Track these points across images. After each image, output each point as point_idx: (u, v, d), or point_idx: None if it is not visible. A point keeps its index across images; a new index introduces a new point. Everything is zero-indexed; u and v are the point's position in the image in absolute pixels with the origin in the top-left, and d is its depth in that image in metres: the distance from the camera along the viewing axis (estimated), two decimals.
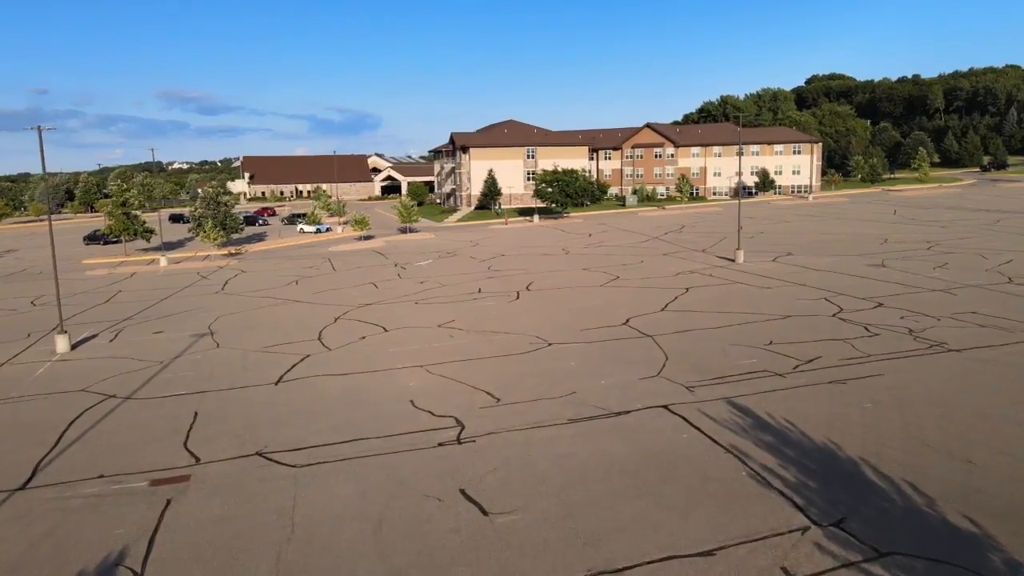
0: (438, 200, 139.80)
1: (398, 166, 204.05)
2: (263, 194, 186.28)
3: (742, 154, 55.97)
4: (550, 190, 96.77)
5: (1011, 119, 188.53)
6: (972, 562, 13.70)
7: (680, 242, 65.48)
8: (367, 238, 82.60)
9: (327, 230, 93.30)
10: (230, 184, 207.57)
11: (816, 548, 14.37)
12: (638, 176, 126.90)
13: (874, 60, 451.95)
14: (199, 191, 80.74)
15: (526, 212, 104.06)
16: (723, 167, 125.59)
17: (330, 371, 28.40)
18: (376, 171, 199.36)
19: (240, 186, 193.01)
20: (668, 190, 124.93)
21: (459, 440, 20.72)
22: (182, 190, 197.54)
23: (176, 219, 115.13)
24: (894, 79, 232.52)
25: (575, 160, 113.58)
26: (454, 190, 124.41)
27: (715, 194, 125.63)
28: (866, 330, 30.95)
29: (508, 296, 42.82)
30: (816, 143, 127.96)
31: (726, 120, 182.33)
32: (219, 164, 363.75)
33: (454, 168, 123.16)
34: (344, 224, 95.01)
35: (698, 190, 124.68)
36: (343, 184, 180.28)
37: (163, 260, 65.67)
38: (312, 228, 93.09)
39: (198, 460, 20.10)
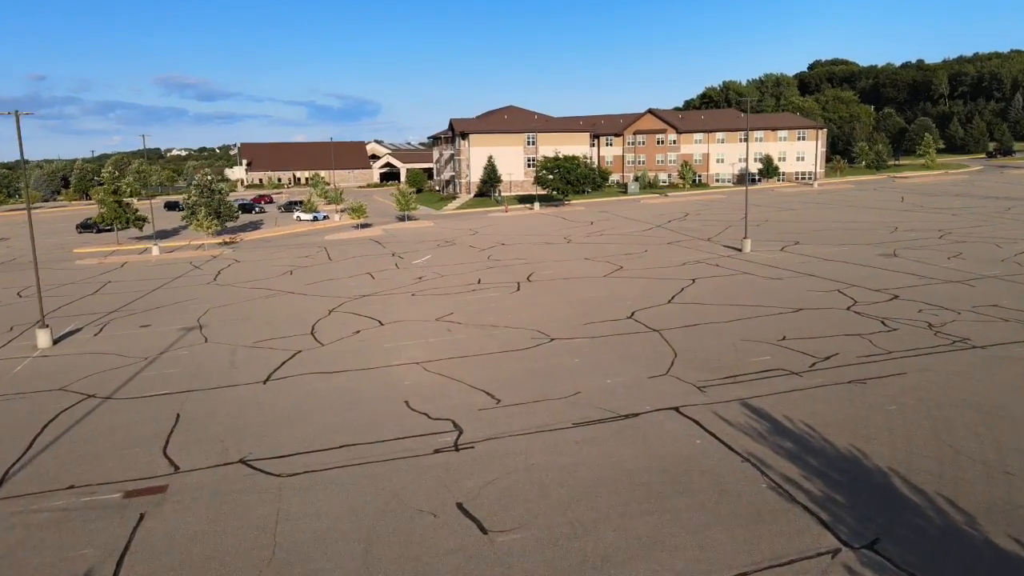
0: (437, 187, 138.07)
1: (397, 153, 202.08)
2: (261, 181, 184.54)
3: (748, 140, 54.29)
4: (551, 177, 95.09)
5: (1016, 105, 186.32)
6: None
7: (684, 230, 63.99)
8: (364, 226, 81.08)
9: (324, 218, 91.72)
10: (228, 171, 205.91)
11: (848, 574, 13.04)
12: (640, 163, 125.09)
13: (877, 45, 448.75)
14: (195, 177, 78.83)
15: (526, 199, 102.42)
16: (726, 153, 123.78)
17: (322, 369, 27.04)
18: (375, 158, 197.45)
19: (238, 173, 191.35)
20: (670, 177, 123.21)
21: (457, 446, 19.37)
22: (180, 177, 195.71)
23: (172, 207, 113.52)
24: (898, 64, 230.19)
25: (576, 146, 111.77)
26: (453, 177, 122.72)
27: (718, 181, 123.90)
28: (883, 324, 29.56)
29: (508, 287, 41.41)
30: (820, 129, 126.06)
31: (728, 106, 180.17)
32: (217, 151, 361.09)
33: (453, 155, 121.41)
34: (341, 212, 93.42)
35: (701, 177, 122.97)
36: (341, 171, 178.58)
37: (155, 249, 64.17)
38: (309, 216, 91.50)
39: (177, 468, 18.76)
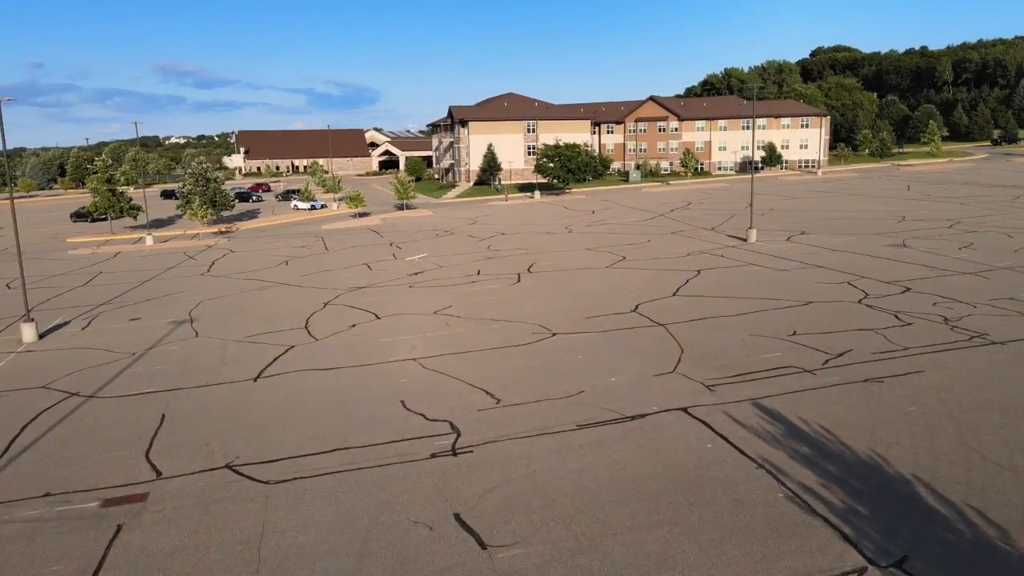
0: (436, 176, 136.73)
1: (396, 141, 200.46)
2: (259, 169, 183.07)
3: (755, 127, 53.00)
4: (551, 165, 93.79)
5: (1021, 92, 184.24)
6: None
7: (687, 220, 62.86)
8: (362, 215, 79.91)
9: (322, 207, 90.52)
10: (226, 159, 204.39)
11: None
12: (641, 151, 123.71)
13: (880, 31, 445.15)
14: (191, 165, 77.61)
15: (526, 188, 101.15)
16: (728, 141, 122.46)
17: (315, 365, 26.03)
18: (374, 146, 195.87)
19: (236, 161, 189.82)
20: (672, 165, 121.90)
21: (454, 451, 18.38)
22: (178, 165, 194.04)
23: (168, 195, 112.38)
24: (901, 51, 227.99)
25: (577, 134, 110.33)
26: (452, 165, 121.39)
27: (720, 169, 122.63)
28: (897, 319, 28.52)
29: (508, 279, 40.35)
30: (824, 116, 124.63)
31: (730, 93, 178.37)
32: (216, 139, 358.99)
33: (452, 143, 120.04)
34: (339, 201, 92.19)
35: (703, 165, 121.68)
36: (340, 159, 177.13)
37: (149, 239, 63.03)
38: (306, 205, 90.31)
39: (159, 475, 17.77)
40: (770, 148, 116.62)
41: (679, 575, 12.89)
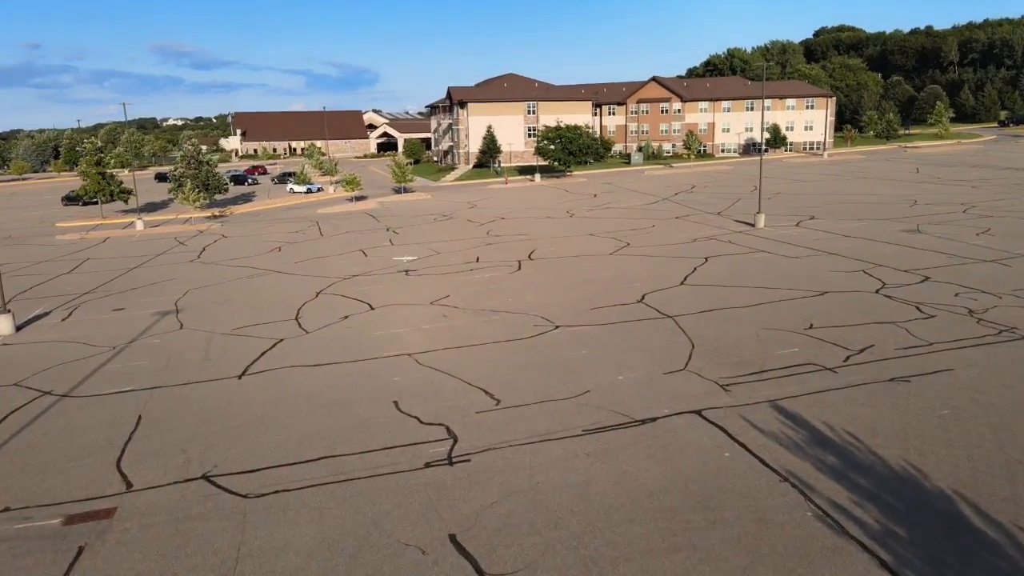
0: (435, 158, 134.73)
1: (395, 122, 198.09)
2: (255, 151, 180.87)
3: (763, 107, 51.18)
4: (552, 147, 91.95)
5: None
6: None
7: (692, 204, 61.21)
8: (359, 199, 78.22)
9: (318, 190, 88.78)
10: (223, 141, 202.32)
11: None
12: (643, 132, 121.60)
13: (885, 10, 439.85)
14: (184, 146, 75.72)
15: (527, 170, 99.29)
16: (732, 123, 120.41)
17: (304, 361, 24.57)
18: (372, 128, 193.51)
19: (233, 143, 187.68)
20: (674, 147, 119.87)
21: (450, 459, 16.96)
22: (174, 147, 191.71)
23: (162, 178, 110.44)
24: (906, 31, 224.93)
25: (578, 115, 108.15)
26: (452, 147, 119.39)
27: (723, 151, 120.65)
28: (918, 310, 27.04)
29: (508, 266, 38.83)
30: (830, 97, 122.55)
31: (733, 74, 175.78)
32: (214, 120, 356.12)
33: (451, 124, 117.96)
34: (336, 184, 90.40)
35: (706, 147, 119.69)
36: (338, 141, 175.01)
37: (140, 224, 61.35)
38: (302, 188, 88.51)
39: (129, 486, 16.36)
40: (775, 130, 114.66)
41: None
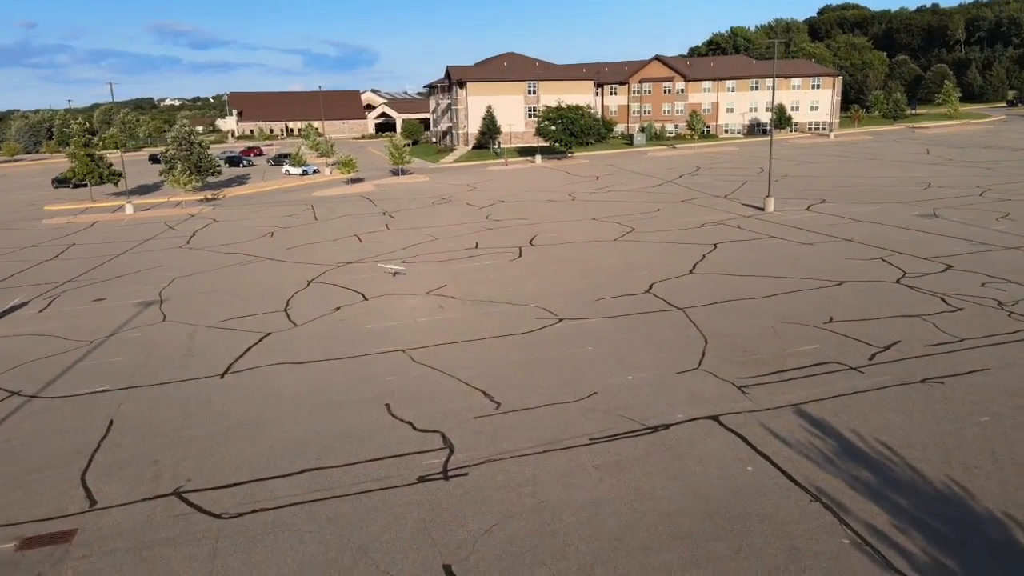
0: (434, 139, 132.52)
1: (393, 102, 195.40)
2: (252, 132, 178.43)
3: (774, 85, 49.17)
4: (553, 128, 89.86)
5: None
6: None
7: (698, 186, 59.45)
8: (356, 181, 76.39)
9: (314, 172, 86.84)
10: (220, 122, 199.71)
11: None
12: (646, 112, 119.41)
13: None
14: (175, 127, 73.79)
15: (527, 152, 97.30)
16: (736, 103, 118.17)
17: (292, 358, 23.06)
18: (370, 108, 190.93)
19: (230, 124, 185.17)
20: (677, 128, 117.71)
21: (446, 472, 15.48)
22: (171, 128, 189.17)
23: (156, 160, 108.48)
24: (912, 8, 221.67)
25: (579, 96, 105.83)
26: (450, 128, 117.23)
27: (727, 132, 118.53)
28: (944, 302, 25.48)
29: (509, 253, 37.22)
30: (836, 77, 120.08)
31: (736, 53, 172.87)
32: (212, 100, 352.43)
33: (450, 104, 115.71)
34: (332, 166, 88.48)
35: (709, 128, 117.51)
36: (335, 121, 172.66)
37: (129, 207, 59.60)
38: (298, 170, 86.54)
39: (93, 504, 14.90)
40: (779, 110, 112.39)
41: None
